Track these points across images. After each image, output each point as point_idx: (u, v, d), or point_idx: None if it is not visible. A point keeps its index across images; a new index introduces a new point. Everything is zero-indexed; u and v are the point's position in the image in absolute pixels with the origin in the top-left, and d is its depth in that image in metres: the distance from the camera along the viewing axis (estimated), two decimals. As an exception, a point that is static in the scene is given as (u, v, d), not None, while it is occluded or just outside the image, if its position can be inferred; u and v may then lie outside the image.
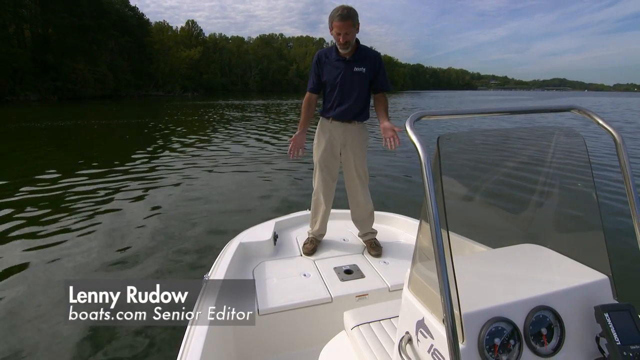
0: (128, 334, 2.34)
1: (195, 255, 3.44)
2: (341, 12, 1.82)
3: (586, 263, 0.91)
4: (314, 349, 1.42)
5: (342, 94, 2.02)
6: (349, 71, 1.98)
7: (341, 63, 1.98)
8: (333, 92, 2.05)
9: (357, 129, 2.10)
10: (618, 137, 0.86)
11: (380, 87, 2.05)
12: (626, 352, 0.70)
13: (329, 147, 2.12)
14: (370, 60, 1.98)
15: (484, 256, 1.05)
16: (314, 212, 2.27)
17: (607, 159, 7.39)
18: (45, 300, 2.70)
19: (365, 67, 1.97)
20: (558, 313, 0.78)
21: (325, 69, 2.03)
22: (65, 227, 4.13)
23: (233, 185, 6.01)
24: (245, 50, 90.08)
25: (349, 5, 1.87)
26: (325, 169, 2.16)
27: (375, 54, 2.02)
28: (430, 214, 0.68)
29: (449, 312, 0.66)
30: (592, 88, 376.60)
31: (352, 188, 2.18)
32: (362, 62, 1.97)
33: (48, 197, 5.28)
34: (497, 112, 0.90)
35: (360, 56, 1.97)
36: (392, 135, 1.83)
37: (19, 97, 35.53)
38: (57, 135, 12.21)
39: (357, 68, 1.97)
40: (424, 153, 0.71)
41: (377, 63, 2.00)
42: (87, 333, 2.35)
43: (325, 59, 2.02)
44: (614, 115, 23.75)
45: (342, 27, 1.83)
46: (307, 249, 2.20)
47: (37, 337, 2.31)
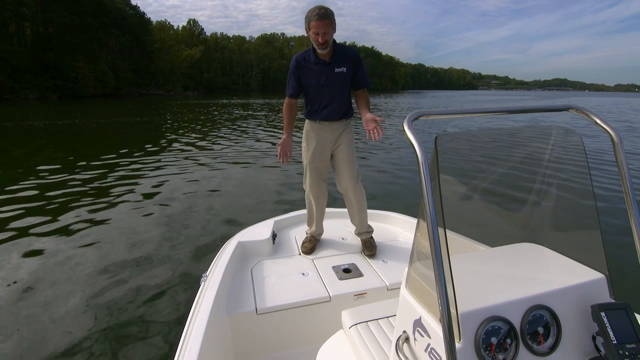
0: (126, 332, 2.35)
1: (194, 254, 3.44)
2: (318, 11, 1.79)
3: (583, 262, 0.91)
4: (312, 347, 1.42)
5: (327, 96, 2.01)
6: (330, 74, 1.95)
7: (321, 66, 1.95)
8: (317, 95, 2.04)
9: (345, 126, 2.11)
10: (615, 136, 0.86)
11: (361, 84, 2.03)
12: (622, 350, 0.69)
13: (318, 149, 2.11)
14: (349, 58, 1.96)
15: (481, 255, 1.05)
16: (309, 214, 2.28)
17: (606, 158, 7.38)
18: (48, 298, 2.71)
19: (346, 66, 1.95)
20: (555, 312, 0.78)
21: (305, 73, 2.00)
22: (63, 224, 4.15)
23: (232, 183, 6.01)
24: (246, 49, 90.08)
25: (326, 5, 1.85)
26: (315, 170, 2.16)
27: (354, 51, 2.00)
28: (428, 213, 0.68)
29: (445, 311, 0.66)
30: (592, 88, 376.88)
31: (344, 185, 2.16)
32: (342, 62, 1.95)
33: (59, 195, 5.29)
34: (496, 112, 0.90)
35: (340, 56, 1.94)
36: (374, 126, 1.78)
37: (18, 95, 35.53)
38: (59, 133, 12.21)
39: (337, 69, 1.95)
40: (422, 152, 0.71)
41: (357, 60, 1.98)
42: (87, 332, 2.36)
43: (305, 62, 1.98)
44: (621, 115, 23.67)
45: (320, 26, 1.80)
46: (306, 248, 2.21)
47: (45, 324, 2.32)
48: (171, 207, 4.79)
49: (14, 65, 35.59)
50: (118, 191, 5.53)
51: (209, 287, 1.63)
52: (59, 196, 5.24)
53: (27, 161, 7.68)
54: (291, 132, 2.14)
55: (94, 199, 5.11)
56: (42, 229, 4.04)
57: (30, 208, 4.75)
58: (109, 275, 3.05)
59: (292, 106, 2.13)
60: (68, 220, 4.28)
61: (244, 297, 1.75)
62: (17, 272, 3.10)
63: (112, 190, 5.56)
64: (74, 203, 4.93)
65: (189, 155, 8.46)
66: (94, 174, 6.55)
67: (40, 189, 5.61)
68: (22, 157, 8.08)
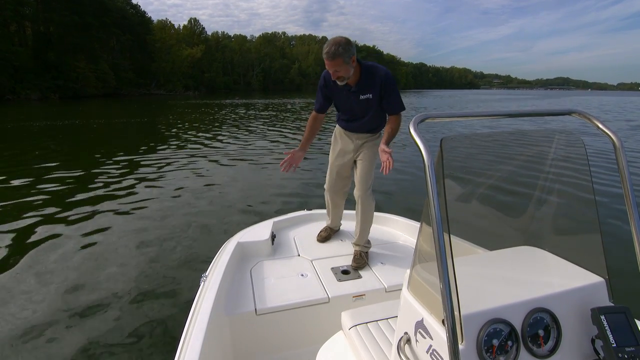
0: (125, 332, 2.35)
1: (193, 254, 3.44)
2: (327, 50, 1.69)
3: (583, 266, 0.92)
4: (312, 348, 1.42)
5: (355, 114, 2.01)
6: (356, 99, 1.91)
7: (347, 92, 1.91)
8: (346, 111, 2.05)
9: (368, 139, 2.10)
10: (617, 140, 0.86)
11: (390, 110, 1.92)
12: (621, 354, 0.70)
13: (341, 152, 2.18)
14: (377, 83, 1.84)
15: (483, 258, 1.05)
16: (327, 208, 2.38)
17: (607, 162, 7.36)
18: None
19: (372, 92, 1.86)
20: (555, 315, 0.79)
21: (333, 92, 1.97)
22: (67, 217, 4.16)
23: (232, 184, 6.01)
24: (247, 48, 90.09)
25: (340, 39, 1.71)
26: (335, 170, 2.22)
27: (382, 75, 1.84)
28: (433, 216, 0.68)
29: (449, 313, 0.67)
30: (595, 87, 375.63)
31: (355, 192, 2.15)
32: (368, 89, 1.85)
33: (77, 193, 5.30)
34: (500, 115, 0.91)
35: (366, 81, 1.84)
36: (386, 158, 1.69)
37: (19, 96, 35.58)
38: (64, 134, 12.24)
39: (363, 96, 1.88)
40: (428, 155, 0.71)
41: (384, 84, 1.84)
42: (86, 331, 2.36)
43: (333, 84, 1.90)
44: (624, 115, 23.54)
45: (330, 65, 1.73)
46: (321, 236, 2.34)
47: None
48: (170, 208, 4.79)
49: (15, 66, 35.64)
50: (117, 191, 5.53)
51: (208, 288, 1.63)
52: (59, 193, 5.26)
53: (31, 161, 7.70)
54: (306, 148, 2.13)
55: (91, 197, 5.13)
56: (41, 228, 4.06)
57: (29, 206, 4.77)
58: (108, 275, 3.05)
59: (317, 120, 2.12)
60: (64, 219, 4.29)
61: (243, 297, 1.75)
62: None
63: (110, 190, 5.57)
64: (68, 199, 4.95)
65: (189, 153, 8.46)
66: (91, 175, 6.56)
67: (41, 186, 5.63)
68: (25, 158, 8.10)
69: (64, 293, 2.80)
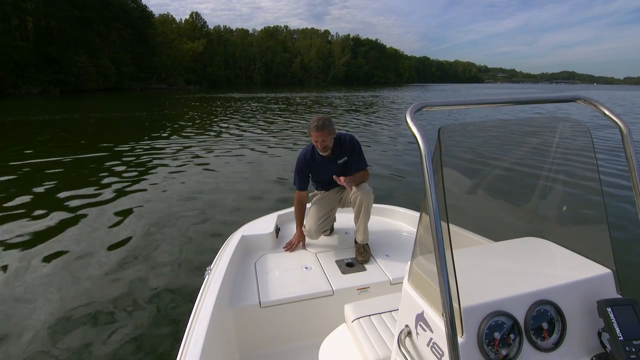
0: (131, 324, 2.37)
1: (198, 247, 3.46)
2: (316, 123, 2.03)
3: (589, 257, 0.90)
4: (315, 341, 1.43)
5: (332, 179, 2.16)
6: (335, 166, 2.20)
7: (327, 162, 2.20)
8: (324, 180, 2.29)
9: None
10: (624, 127, 0.83)
11: (358, 167, 2.20)
12: (629, 347, 0.68)
13: (326, 206, 2.28)
14: (347, 147, 2.20)
15: (486, 249, 1.04)
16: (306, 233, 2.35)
17: (614, 150, 7.29)
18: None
19: (346, 154, 2.21)
20: (560, 307, 0.77)
21: (314, 169, 2.25)
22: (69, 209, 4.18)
23: (236, 177, 6.02)
24: (249, 42, 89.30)
25: (324, 115, 2.13)
26: (324, 218, 2.24)
27: (349, 140, 2.21)
28: (430, 206, 0.67)
29: (448, 305, 0.66)
30: (601, 81, 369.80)
31: (356, 193, 2.15)
32: (343, 153, 2.20)
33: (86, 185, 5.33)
34: (501, 103, 0.88)
35: (340, 150, 2.19)
36: (343, 181, 2.03)
37: (21, 90, 35.55)
38: (68, 127, 12.26)
39: (340, 160, 2.20)
40: (425, 144, 0.69)
41: (352, 146, 2.20)
42: (91, 323, 2.39)
43: (312, 162, 2.22)
44: (633, 107, 23.09)
45: (318, 136, 2.05)
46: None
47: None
48: (175, 201, 4.81)
49: (17, 60, 35.55)
50: (121, 184, 5.56)
51: (213, 280, 1.64)
52: (59, 189, 5.29)
53: (34, 155, 7.73)
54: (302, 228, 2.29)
55: (95, 190, 5.15)
56: (42, 223, 4.09)
57: (28, 204, 4.80)
58: (114, 268, 3.08)
59: (302, 199, 2.30)
60: (66, 212, 4.32)
61: (247, 290, 1.76)
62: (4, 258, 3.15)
63: (114, 183, 5.59)
64: (71, 192, 4.97)
65: (193, 147, 8.46)
66: (94, 168, 6.58)
67: (46, 182, 5.66)
68: (25, 152, 8.13)
69: (61, 291, 2.83)
